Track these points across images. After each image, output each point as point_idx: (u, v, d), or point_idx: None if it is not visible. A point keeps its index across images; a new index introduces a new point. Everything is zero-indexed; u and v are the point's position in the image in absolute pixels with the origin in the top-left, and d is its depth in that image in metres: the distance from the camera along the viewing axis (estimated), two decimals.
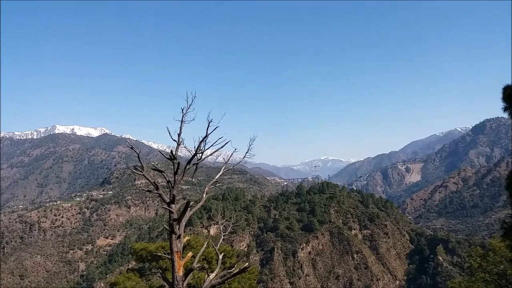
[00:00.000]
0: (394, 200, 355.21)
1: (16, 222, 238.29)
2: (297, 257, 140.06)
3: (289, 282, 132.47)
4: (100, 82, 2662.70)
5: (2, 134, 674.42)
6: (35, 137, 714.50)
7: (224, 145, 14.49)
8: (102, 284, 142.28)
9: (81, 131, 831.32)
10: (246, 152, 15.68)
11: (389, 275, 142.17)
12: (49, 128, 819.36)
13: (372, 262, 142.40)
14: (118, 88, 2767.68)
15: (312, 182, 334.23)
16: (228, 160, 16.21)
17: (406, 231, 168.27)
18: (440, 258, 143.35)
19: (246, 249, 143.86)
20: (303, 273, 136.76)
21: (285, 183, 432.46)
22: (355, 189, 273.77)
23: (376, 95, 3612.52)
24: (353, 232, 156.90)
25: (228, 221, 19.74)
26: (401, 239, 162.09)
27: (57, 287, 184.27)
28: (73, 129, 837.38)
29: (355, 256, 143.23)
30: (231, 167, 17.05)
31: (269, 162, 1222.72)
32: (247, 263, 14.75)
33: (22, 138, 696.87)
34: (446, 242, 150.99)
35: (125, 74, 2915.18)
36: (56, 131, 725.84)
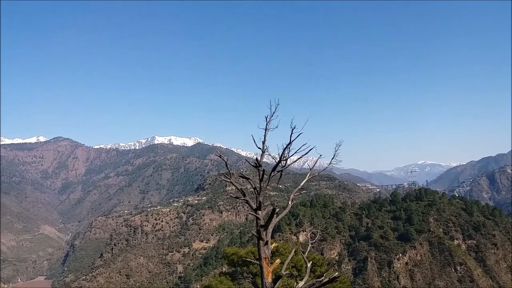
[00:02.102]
0: (503, 207, 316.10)
1: (122, 226, 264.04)
2: (393, 268, 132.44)
3: None
4: (192, 95, 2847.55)
5: (109, 146, 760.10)
6: (137, 147, 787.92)
7: (308, 152, 14.28)
8: (198, 286, 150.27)
9: (177, 141, 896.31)
10: (332, 158, 15.26)
11: None
12: (149, 139, 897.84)
13: (478, 275, 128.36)
14: (209, 99, 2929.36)
15: (408, 189, 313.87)
16: (313, 166, 15.95)
17: None
18: None
19: (337, 257, 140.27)
20: (399, 284, 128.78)
21: (378, 190, 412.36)
22: (457, 195, 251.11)
23: (480, 91, 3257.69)
24: (456, 242, 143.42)
25: (317, 228, 19.40)
26: None
27: None
28: (170, 139, 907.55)
29: (458, 268, 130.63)
30: (316, 174, 16.76)
31: (360, 168, 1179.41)
32: (337, 273, 14.28)
33: (126, 149, 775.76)
34: None
35: (217, 85, 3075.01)
36: (156, 142, 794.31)
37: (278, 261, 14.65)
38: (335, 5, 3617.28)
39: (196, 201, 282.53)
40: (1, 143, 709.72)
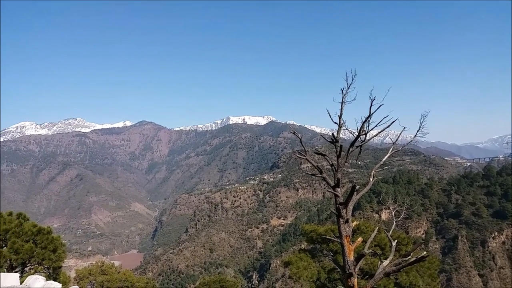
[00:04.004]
0: None
1: (204, 203, 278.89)
2: (488, 247, 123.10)
3: (478, 274, 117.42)
4: (263, 73, 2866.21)
5: (188, 128, 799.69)
6: (213, 128, 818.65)
7: (390, 125, 13.26)
8: (278, 262, 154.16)
9: (250, 120, 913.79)
10: (418, 131, 14.02)
11: None
12: (224, 119, 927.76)
13: None
14: (280, 76, 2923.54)
15: (504, 162, 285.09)
16: (396, 140, 14.83)
17: None
18: None
19: (423, 236, 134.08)
20: (496, 265, 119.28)
21: (468, 164, 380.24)
22: None
23: None
24: None
25: (401, 206, 18.27)
26: None
27: (240, 262, 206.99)
28: (244, 119, 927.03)
29: None
30: (400, 148, 15.67)
31: (447, 141, 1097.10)
32: (425, 252, 13.38)
33: (203, 130, 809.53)
34: None
35: (284, 62, 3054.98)
36: (230, 122, 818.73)
37: (360, 239, 14.09)
38: None
39: (272, 179, 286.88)
40: (93, 128, 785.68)
